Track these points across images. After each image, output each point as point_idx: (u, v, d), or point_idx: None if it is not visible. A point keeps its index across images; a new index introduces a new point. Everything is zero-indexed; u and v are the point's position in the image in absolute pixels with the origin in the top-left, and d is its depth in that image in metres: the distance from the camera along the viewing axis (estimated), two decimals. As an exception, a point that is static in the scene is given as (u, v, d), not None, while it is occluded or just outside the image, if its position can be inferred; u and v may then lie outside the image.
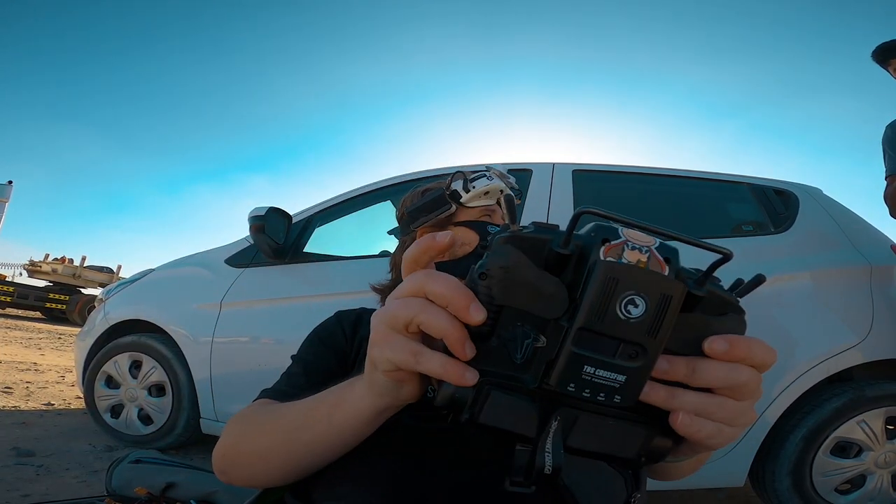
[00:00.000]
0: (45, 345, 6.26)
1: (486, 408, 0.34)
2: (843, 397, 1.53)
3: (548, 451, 0.33)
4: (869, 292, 1.60)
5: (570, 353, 0.31)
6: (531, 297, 0.32)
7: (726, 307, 0.35)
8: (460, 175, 0.95)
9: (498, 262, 0.32)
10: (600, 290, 0.30)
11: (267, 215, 1.91)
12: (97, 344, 2.40)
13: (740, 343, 0.33)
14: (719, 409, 0.34)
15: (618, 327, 0.30)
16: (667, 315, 0.31)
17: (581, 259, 0.32)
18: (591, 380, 0.31)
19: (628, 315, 0.30)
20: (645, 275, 0.30)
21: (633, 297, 0.30)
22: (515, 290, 0.32)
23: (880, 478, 1.59)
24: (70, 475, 1.84)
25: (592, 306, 0.30)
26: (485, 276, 0.33)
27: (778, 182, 1.94)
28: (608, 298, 0.30)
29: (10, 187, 12.40)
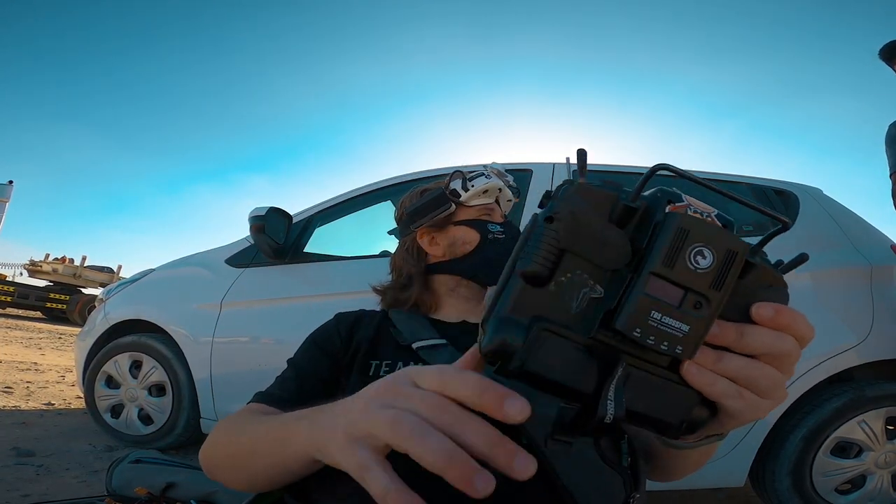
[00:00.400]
0: (46, 345, 6.26)
1: (540, 355, 0.33)
2: (844, 397, 1.53)
3: (610, 399, 0.33)
4: (869, 292, 1.60)
5: (640, 297, 0.31)
6: (595, 246, 0.32)
7: (772, 280, 0.36)
8: (459, 174, 0.95)
9: (568, 206, 0.32)
10: (673, 237, 0.31)
11: (267, 215, 1.91)
12: (97, 344, 2.40)
13: (786, 311, 0.35)
14: (761, 377, 0.35)
15: (686, 276, 0.31)
16: (731, 270, 0.32)
17: (645, 216, 0.33)
18: (658, 327, 0.31)
19: (696, 265, 0.31)
20: (714, 229, 0.32)
21: (702, 248, 0.31)
22: (581, 235, 0.32)
23: (880, 478, 1.59)
24: (70, 475, 1.84)
25: (665, 253, 0.31)
26: (552, 219, 0.33)
27: (778, 182, 1.94)
28: (679, 247, 0.31)
29: (10, 187, 12.40)
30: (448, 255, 0.93)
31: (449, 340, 0.78)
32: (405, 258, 0.96)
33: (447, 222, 0.94)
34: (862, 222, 1.81)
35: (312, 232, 2.17)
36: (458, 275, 0.92)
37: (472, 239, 0.92)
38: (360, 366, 0.74)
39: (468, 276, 0.91)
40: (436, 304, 0.93)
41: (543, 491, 0.57)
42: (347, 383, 0.73)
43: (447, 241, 0.93)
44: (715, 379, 0.34)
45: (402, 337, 0.78)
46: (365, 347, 0.76)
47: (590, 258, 0.32)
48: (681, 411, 0.36)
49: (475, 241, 0.92)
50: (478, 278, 0.90)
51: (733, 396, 0.35)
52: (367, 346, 0.76)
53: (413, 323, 0.82)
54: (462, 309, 0.91)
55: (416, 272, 0.94)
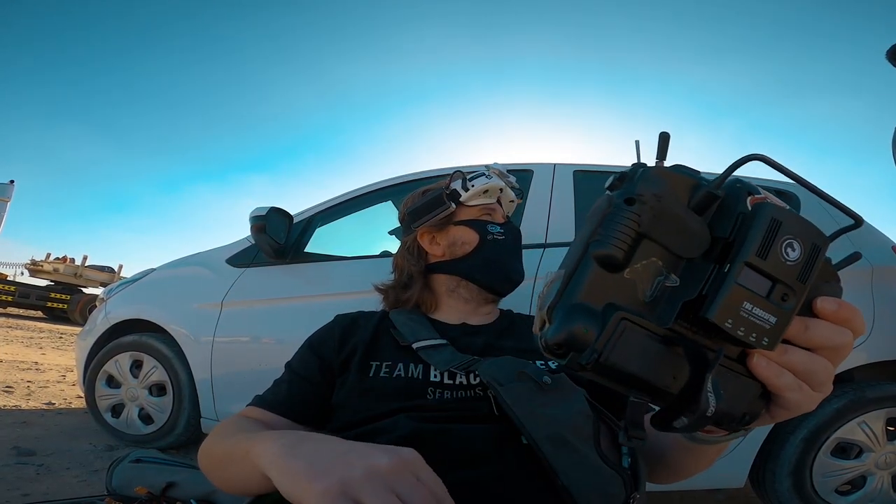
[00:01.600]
0: (47, 344, 6.26)
1: (619, 346, 0.31)
2: (844, 398, 1.53)
3: (710, 392, 0.31)
4: (870, 293, 1.60)
5: (734, 287, 0.30)
6: (674, 232, 0.31)
7: (830, 275, 0.37)
8: (459, 175, 0.95)
9: (652, 189, 0.31)
10: (768, 228, 0.31)
11: (268, 215, 1.91)
12: (98, 343, 2.40)
13: (846, 306, 0.36)
14: (820, 370, 0.36)
15: (777, 267, 0.31)
16: (815, 263, 0.32)
17: (725, 205, 0.33)
18: (748, 318, 0.31)
19: (787, 257, 0.31)
20: (804, 222, 0.32)
21: (792, 241, 0.31)
22: (662, 220, 0.31)
23: (881, 479, 1.59)
24: (70, 474, 1.84)
25: (760, 243, 0.30)
26: (633, 201, 0.31)
27: (778, 182, 1.94)
28: (772, 238, 0.31)
29: (11, 187, 12.41)
30: (448, 255, 0.93)
31: (449, 341, 0.78)
32: (406, 258, 0.97)
33: (447, 222, 0.94)
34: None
35: (313, 232, 2.17)
36: (457, 275, 0.92)
37: (471, 239, 0.92)
38: (360, 366, 0.74)
39: (466, 276, 0.91)
40: (436, 304, 0.93)
41: (543, 490, 0.57)
42: (345, 383, 0.74)
43: (447, 240, 0.93)
44: (781, 371, 0.35)
45: (402, 337, 0.78)
46: (363, 349, 0.76)
47: (668, 245, 0.31)
48: (745, 403, 0.35)
49: (474, 242, 0.92)
50: (475, 279, 0.90)
51: (794, 389, 0.36)
52: (366, 348, 0.76)
53: (413, 324, 0.82)
54: (461, 310, 0.91)
55: (416, 271, 0.94)
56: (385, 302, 0.98)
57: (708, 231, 0.32)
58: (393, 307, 0.94)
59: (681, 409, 0.32)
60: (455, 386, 0.71)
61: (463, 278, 0.91)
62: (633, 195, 0.31)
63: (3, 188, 12.23)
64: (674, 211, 0.31)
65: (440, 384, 0.71)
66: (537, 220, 1.81)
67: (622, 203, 0.31)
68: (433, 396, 0.69)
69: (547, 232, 1.78)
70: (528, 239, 1.74)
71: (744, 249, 0.30)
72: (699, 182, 0.33)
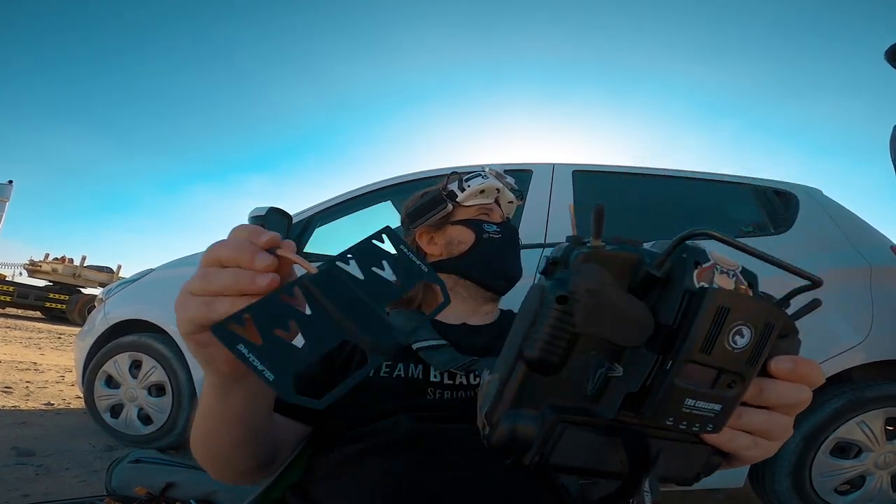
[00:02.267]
0: (45, 344, 6.26)
1: (560, 447, 0.30)
2: (843, 398, 1.53)
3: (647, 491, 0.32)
4: (869, 293, 1.60)
5: (673, 387, 0.29)
6: (614, 323, 0.29)
7: (788, 330, 0.34)
8: (456, 175, 0.96)
9: (584, 284, 0.28)
10: (713, 320, 0.28)
11: (267, 215, 1.91)
12: (97, 343, 2.40)
13: (803, 363, 0.34)
14: (776, 427, 0.35)
15: (723, 357, 0.29)
16: (767, 343, 0.30)
17: (670, 282, 0.30)
18: (691, 412, 0.29)
19: (734, 345, 0.29)
20: (754, 304, 0.29)
21: (741, 327, 0.29)
22: (600, 315, 0.29)
23: (880, 478, 1.59)
24: (70, 475, 1.84)
25: (703, 338, 0.28)
26: (566, 299, 0.28)
27: (778, 183, 1.94)
28: (718, 329, 0.28)
29: (10, 187, 12.41)
30: (446, 254, 0.93)
31: (449, 342, 0.78)
32: None
33: (445, 222, 0.95)
34: (862, 223, 1.81)
35: (312, 232, 2.17)
36: (454, 273, 0.92)
37: (467, 238, 0.92)
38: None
39: (463, 275, 0.91)
40: (436, 304, 0.93)
41: (543, 491, 0.57)
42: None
43: (444, 240, 0.94)
44: (734, 435, 0.34)
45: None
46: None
47: (608, 337, 0.29)
48: (698, 466, 0.35)
49: (471, 241, 0.92)
50: (472, 277, 0.91)
51: (749, 448, 0.35)
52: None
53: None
54: (461, 310, 0.91)
55: None
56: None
57: (651, 317, 0.30)
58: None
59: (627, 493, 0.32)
60: (455, 386, 0.71)
61: (460, 277, 0.92)
62: (565, 293, 0.28)
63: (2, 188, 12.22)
64: (612, 301, 0.29)
65: (440, 384, 0.71)
66: (536, 219, 1.81)
67: (553, 302, 0.29)
68: (433, 397, 0.69)
69: (546, 231, 1.78)
70: (527, 238, 1.74)
71: (686, 346, 0.28)
72: (641, 259, 0.31)
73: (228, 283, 0.36)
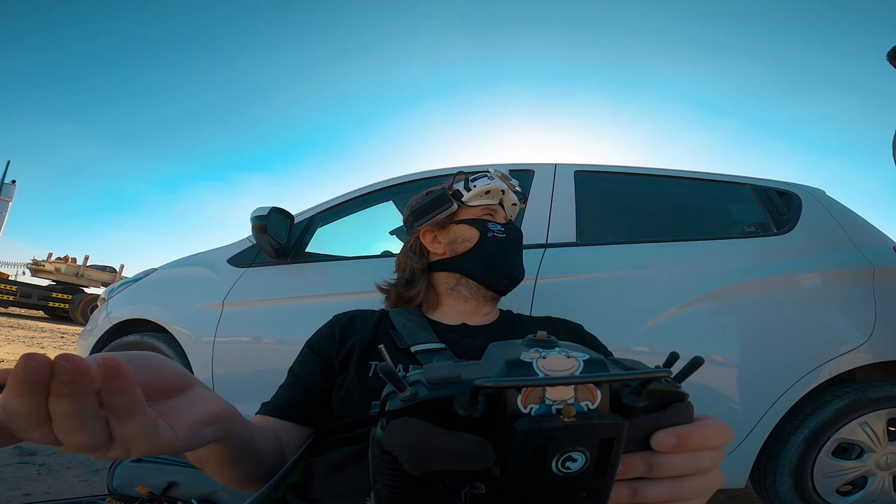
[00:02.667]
0: (48, 344, 6.27)
1: None
2: (846, 399, 1.53)
3: None
4: (871, 294, 1.60)
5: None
6: (451, 459, 0.28)
7: (671, 398, 0.33)
8: (462, 175, 0.97)
9: (399, 439, 0.28)
10: (529, 460, 0.27)
11: (269, 215, 1.91)
12: (100, 343, 2.40)
13: (689, 434, 0.33)
14: (685, 492, 0.33)
15: (559, 484, 0.28)
16: (612, 455, 0.28)
17: (496, 410, 0.28)
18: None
19: (567, 470, 0.28)
20: (577, 430, 0.27)
21: (570, 453, 0.27)
22: (429, 459, 0.28)
23: (882, 479, 1.59)
24: (72, 474, 1.84)
25: (525, 477, 0.27)
26: (388, 454, 0.29)
27: (780, 183, 1.94)
28: (540, 464, 0.27)
29: (13, 187, 12.44)
30: (449, 253, 0.93)
31: (448, 343, 0.78)
32: (409, 256, 0.98)
33: (449, 221, 0.95)
34: (864, 223, 1.80)
35: (314, 232, 2.18)
36: (457, 272, 0.92)
37: (471, 237, 0.93)
38: (359, 366, 0.74)
39: (466, 273, 0.91)
40: (437, 303, 0.93)
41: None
42: (344, 382, 0.74)
43: (448, 238, 0.94)
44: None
45: (401, 339, 0.79)
46: (362, 348, 0.76)
47: (453, 468, 0.29)
48: None
49: (474, 239, 0.92)
50: (475, 276, 0.91)
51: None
52: (365, 347, 0.77)
53: (412, 325, 0.82)
54: (461, 310, 0.91)
55: (419, 269, 0.95)
56: (387, 301, 0.98)
57: (487, 444, 0.29)
58: (395, 306, 0.94)
59: None
60: None
61: (463, 275, 0.92)
62: (388, 448, 0.29)
63: (5, 188, 12.25)
64: (436, 446, 0.28)
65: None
66: (538, 220, 1.81)
67: (380, 455, 0.29)
68: None
69: (548, 232, 1.78)
70: (529, 239, 1.74)
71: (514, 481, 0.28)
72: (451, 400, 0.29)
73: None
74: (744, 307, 1.59)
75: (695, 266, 1.68)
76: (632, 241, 1.79)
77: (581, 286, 1.66)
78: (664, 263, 1.69)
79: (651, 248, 1.74)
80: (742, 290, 1.61)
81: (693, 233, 1.83)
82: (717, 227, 1.95)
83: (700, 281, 1.63)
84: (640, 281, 1.66)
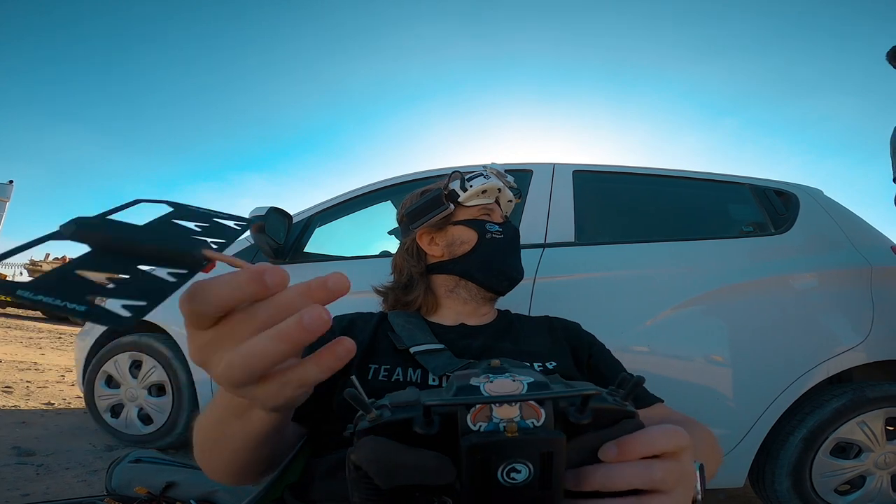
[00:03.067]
0: (46, 344, 6.26)
1: None
2: (844, 398, 1.53)
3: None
4: (869, 293, 1.60)
5: None
6: (416, 474, 0.31)
7: (618, 416, 0.35)
8: (457, 175, 0.96)
9: (367, 455, 0.31)
10: (476, 473, 0.30)
11: (267, 215, 1.91)
12: (97, 343, 2.40)
13: (632, 443, 0.33)
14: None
15: (509, 494, 0.30)
16: (554, 467, 0.30)
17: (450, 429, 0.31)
18: None
19: (513, 481, 0.30)
20: (517, 443, 0.30)
21: (513, 464, 0.30)
22: (395, 474, 0.31)
23: (880, 479, 1.59)
24: (70, 474, 1.84)
25: (477, 487, 0.30)
26: (360, 469, 0.32)
27: (778, 183, 1.94)
28: (486, 475, 0.29)
29: (10, 187, 12.41)
30: (447, 255, 0.93)
31: (446, 344, 0.78)
32: (406, 259, 0.97)
33: (446, 222, 0.94)
34: (862, 223, 1.81)
35: (312, 232, 2.17)
36: (456, 275, 0.92)
37: (469, 238, 0.92)
38: (359, 368, 0.74)
39: (465, 276, 0.91)
40: (435, 305, 0.93)
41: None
42: (345, 384, 0.74)
43: (446, 241, 0.94)
44: None
45: (399, 341, 0.78)
46: (362, 350, 0.76)
47: (419, 482, 0.31)
48: None
49: (473, 241, 0.92)
50: (475, 278, 0.91)
51: None
52: (365, 349, 0.76)
53: (411, 327, 0.82)
54: (460, 311, 0.91)
55: (417, 273, 0.94)
56: (385, 304, 0.98)
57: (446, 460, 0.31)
58: (393, 308, 0.94)
59: None
60: None
61: (462, 277, 0.91)
62: (358, 465, 0.32)
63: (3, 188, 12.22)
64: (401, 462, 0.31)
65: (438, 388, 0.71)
66: (537, 219, 1.81)
67: (353, 469, 0.32)
68: None
69: (546, 232, 1.78)
70: (527, 239, 1.74)
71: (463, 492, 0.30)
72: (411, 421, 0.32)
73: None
74: (742, 307, 1.59)
75: (693, 266, 1.68)
76: (630, 241, 1.79)
77: (579, 286, 1.66)
78: (662, 263, 1.69)
79: (649, 247, 1.74)
80: (740, 290, 1.61)
81: (691, 233, 1.83)
82: (715, 227, 1.95)
83: (698, 281, 1.63)
84: (638, 281, 1.66)
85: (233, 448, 0.47)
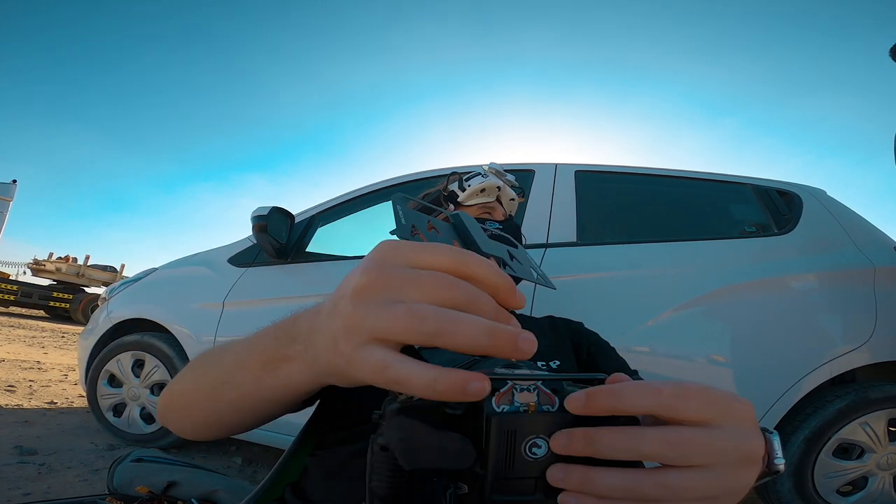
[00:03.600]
0: (49, 343, 6.28)
1: None
2: (846, 399, 1.53)
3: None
4: (872, 294, 1.60)
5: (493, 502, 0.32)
6: (438, 457, 0.33)
7: None
8: (455, 176, 0.96)
9: (396, 435, 0.33)
10: (501, 443, 0.32)
11: (270, 215, 1.91)
12: (100, 342, 2.41)
13: (599, 393, 0.29)
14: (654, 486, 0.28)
15: (529, 468, 0.32)
16: None
17: (475, 411, 0.33)
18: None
19: (535, 456, 0.32)
20: (537, 419, 0.32)
21: (534, 440, 0.32)
22: (420, 455, 0.33)
23: (882, 479, 1.59)
24: (72, 474, 1.84)
25: (498, 459, 0.32)
26: (386, 448, 0.34)
27: (781, 183, 1.94)
28: (511, 448, 0.32)
29: (14, 186, 12.45)
30: None
31: None
32: None
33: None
34: (865, 224, 1.80)
35: (315, 231, 2.18)
36: None
37: None
38: None
39: None
40: None
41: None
42: None
43: None
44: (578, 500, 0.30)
45: None
46: None
47: (438, 467, 0.33)
48: None
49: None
50: None
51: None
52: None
53: None
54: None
55: None
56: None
57: (468, 443, 0.33)
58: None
59: None
60: None
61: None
62: (385, 443, 0.34)
63: (6, 188, 12.26)
64: (426, 443, 0.33)
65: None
66: (539, 220, 1.80)
67: (380, 451, 0.35)
68: None
69: (548, 232, 1.78)
70: (529, 239, 1.74)
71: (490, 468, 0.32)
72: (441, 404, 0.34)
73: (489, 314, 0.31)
74: (744, 307, 1.58)
75: (695, 266, 1.67)
76: (632, 241, 1.79)
77: (582, 286, 1.66)
78: (665, 263, 1.69)
79: (652, 248, 1.74)
80: (742, 290, 1.61)
81: (694, 233, 1.83)
82: (718, 228, 1.95)
83: (701, 281, 1.63)
84: (640, 281, 1.65)
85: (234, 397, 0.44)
